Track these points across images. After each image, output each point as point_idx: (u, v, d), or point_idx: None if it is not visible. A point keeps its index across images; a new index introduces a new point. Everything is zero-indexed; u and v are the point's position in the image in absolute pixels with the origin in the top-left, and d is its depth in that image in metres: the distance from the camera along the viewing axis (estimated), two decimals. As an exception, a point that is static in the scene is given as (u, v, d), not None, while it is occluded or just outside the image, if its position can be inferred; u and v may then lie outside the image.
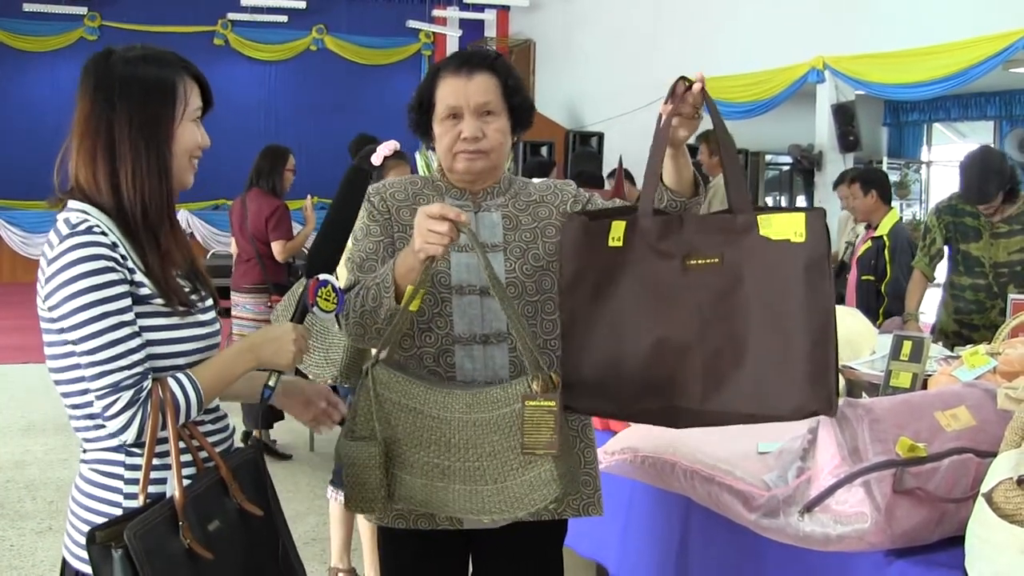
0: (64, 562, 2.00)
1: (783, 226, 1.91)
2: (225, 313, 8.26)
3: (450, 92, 2.27)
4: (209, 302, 2.07)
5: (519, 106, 2.32)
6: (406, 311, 2.13)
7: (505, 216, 2.34)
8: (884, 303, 6.18)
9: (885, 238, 6.24)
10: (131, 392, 1.83)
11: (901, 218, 6.56)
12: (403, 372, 2.14)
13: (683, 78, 2.08)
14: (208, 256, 12.57)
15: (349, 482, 2.12)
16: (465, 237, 2.11)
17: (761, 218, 1.94)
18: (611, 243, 2.07)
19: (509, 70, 2.33)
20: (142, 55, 1.95)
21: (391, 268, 2.15)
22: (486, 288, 2.21)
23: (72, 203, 1.92)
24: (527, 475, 1.98)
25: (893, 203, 6.59)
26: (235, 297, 6.28)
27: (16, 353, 10.11)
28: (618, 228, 2.07)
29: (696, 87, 2.07)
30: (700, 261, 1.98)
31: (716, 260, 1.96)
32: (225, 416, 2.11)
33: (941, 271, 5.65)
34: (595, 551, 3.14)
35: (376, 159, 2.28)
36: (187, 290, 1.99)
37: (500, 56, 2.36)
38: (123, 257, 1.87)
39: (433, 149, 2.41)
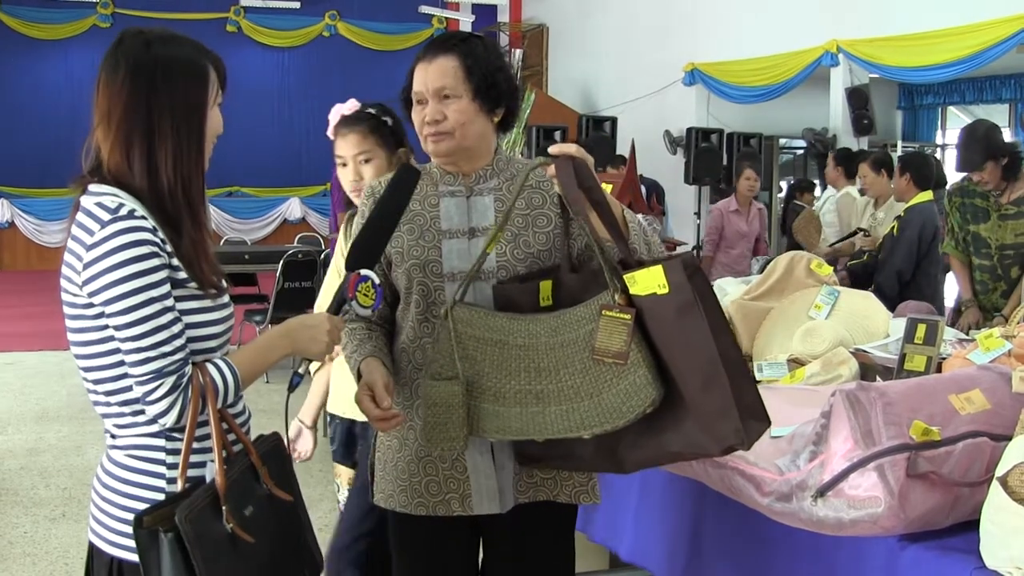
0: (92, 551, 1.98)
1: (647, 281, 1.97)
2: (237, 300, 8.23)
3: (416, 79, 2.30)
4: (224, 285, 2.07)
5: (480, 86, 2.28)
6: (484, 254, 2.21)
7: (498, 199, 2.34)
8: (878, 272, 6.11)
9: (903, 213, 6.10)
10: (174, 378, 1.84)
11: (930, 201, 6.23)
12: (481, 307, 2.18)
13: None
14: (222, 243, 12.58)
15: (430, 423, 2.13)
16: (457, 221, 2.28)
17: (627, 278, 2.00)
18: (542, 303, 2.17)
19: (473, 51, 2.29)
20: (171, 36, 1.95)
21: (358, 364, 2.25)
22: (477, 274, 2.24)
23: (97, 187, 1.89)
24: (622, 384, 1.98)
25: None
26: None
27: (30, 340, 10.15)
28: (545, 288, 2.17)
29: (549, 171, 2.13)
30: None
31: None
32: (241, 398, 2.10)
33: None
34: (606, 537, 3.13)
35: None
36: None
37: (470, 37, 2.34)
38: (163, 241, 1.86)
39: None
